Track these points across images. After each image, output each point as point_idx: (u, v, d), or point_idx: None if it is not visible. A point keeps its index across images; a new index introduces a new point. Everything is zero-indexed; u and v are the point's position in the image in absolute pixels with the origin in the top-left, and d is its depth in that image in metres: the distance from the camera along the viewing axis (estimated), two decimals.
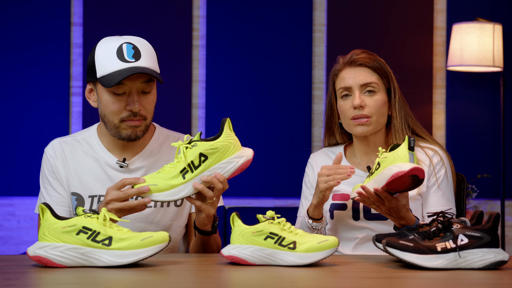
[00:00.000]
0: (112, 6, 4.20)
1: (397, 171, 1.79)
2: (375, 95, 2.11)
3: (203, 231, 1.97)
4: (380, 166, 1.88)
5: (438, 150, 2.16)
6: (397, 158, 1.84)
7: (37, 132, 4.14)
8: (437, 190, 2.12)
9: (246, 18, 4.26)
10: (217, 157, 1.84)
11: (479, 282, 1.54)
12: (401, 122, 2.14)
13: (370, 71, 2.12)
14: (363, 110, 2.09)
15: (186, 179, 1.82)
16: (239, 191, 4.22)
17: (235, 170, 1.86)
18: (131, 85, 1.98)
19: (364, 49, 2.18)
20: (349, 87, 2.11)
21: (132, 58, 1.96)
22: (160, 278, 1.56)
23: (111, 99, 1.99)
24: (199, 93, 4.26)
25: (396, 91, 2.15)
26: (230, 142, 1.84)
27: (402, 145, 1.86)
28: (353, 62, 2.13)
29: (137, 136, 2.02)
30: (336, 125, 2.21)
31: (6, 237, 4.18)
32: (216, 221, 1.97)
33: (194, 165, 1.82)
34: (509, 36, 4.27)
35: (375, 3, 4.31)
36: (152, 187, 1.81)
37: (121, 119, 2.00)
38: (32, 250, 1.63)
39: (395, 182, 1.81)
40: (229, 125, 1.86)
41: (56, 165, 2.10)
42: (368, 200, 1.91)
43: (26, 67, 4.15)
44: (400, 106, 2.15)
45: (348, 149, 2.23)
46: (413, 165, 1.80)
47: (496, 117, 4.29)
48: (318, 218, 2.05)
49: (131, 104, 1.98)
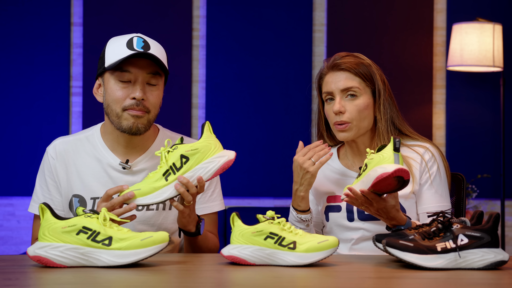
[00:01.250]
0: (112, 6, 4.20)
1: (381, 172, 1.79)
2: (356, 100, 2.10)
3: (187, 232, 1.98)
4: (367, 167, 1.87)
5: (429, 147, 2.15)
6: (382, 160, 1.83)
7: (37, 132, 4.14)
8: (430, 187, 2.11)
9: (246, 18, 4.26)
10: (198, 158, 1.84)
11: (479, 282, 1.54)
12: (386, 124, 2.12)
13: (351, 75, 2.11)
14: (342, 116, 2.10)
15: (168, 181, 1.83)
16: (239, 191, 4.22)
17: (217, 169, 1.85)
18: (137, 73, 1.99)
19: (349, 52, 2.17)
20: (331, 92, 2.12)
21: (141, 49, 1.98)
22: (160, 278, 1.56)
23: (116, 86, 1.99)
24: (199, 93, 4.26)
25: (382, 92, 2.12)
26: (210, 143, 1.85)
27: (388, 146, 1.85)
28: (335, 67, 2.12)
29: (138, 129, 2.01)
30: (323, 129, 2.22)
31: (6, 237, 4.18)
32: (199, 223, 1.97)
33: (176, 167, 1.83)
34: (509, 36, 4.27)
35: (375, 3, 4.31)
36: (136, 191, 1.82)
37: (123, 107, 1.99)
38: (32, 250, 1.63)
39: (380, 183, 1.80)
40: (209, 127, 1.87)
41: (56, 167, 2.10)
42: (356, 202, 1.90)
43: (26, 67, 4.15)
44: (385, 108, 2.13)
45: (341, 150, 2.24)
46: (397, 166, 1.79)
47: (496, 117, 4.29)
48: (306, 210, 2.06)
49: (135, 91, 1.98)
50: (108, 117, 2.04)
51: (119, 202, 1.83)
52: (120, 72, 1.99)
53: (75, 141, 2.13)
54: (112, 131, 2.07)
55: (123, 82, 1.99)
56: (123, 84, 1.99)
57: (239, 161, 4.16)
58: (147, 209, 2.05)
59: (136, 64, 1.98)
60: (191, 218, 1.94)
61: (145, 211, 2.05)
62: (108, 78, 2.01)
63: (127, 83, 1.99)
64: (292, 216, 2.09)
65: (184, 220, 1.94)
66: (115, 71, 1.99)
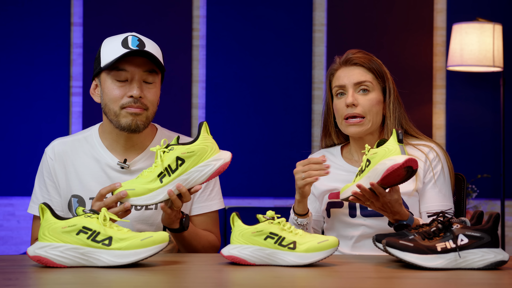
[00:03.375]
0: (112, 6, 4.20)
1: (391, 164, 1.79)
2: (369, 94, 2.12)
3: (172, 229, 1.98)
4: (370, 162, 1.87)
5: (434, 147, 2.15)
6: (388, 152, 1.83)
7: (37, 132, 4.14)
8: (433, 186, 2.12)
9: (246, 18, 4.26)
10: (194, 160, 1.83)
11: (479, 282, 1.54)
12: (394, 122, 2.14)
13: (365, 70, 2.13)
14: (355, 109, 2.10)
15: (163, 183, 1.82)
16: (239, 191, 4.22)
17: (212, 173, 1.84)
18: (134, 71, 1.99)
19: (361, 49, 2.19)
20: (343, 85, 2.12)
21: (136, 47, 1.99)
22: (160, 278, 1.56)
23: (113, 85, 2.00)
24: (199, 93, 4.26)
25: (392, 91, 2.15)
26: (207, 145, 1.83)
27: (391, 139, 1.85)
28: (348, 61, 2.14)
29: (137, 126, 2.01)
30: (332, 125, 2.22)
31: (6, 237, 4.18)
32: (183, 219, 1.97)
33: (171, 168, 1.82)
34: (509, 36, 4.27)
35: (375, 3, 4.31)
36: (130, 191, 1.81)
37: (121, 105, 2.00)
38: (32, 250, 1.63)
39: (390, 175, 1.81)
40: (206, 128, 1.85)
41: (55, 168, 2.10)
42: (363, 198, 1.90)
43: (26, 67, 4.15)
44: (394, 107, 2.14)
45: (345, 148, 2.24)
46: (406, 156, 1.80)
47: (496, 117, 4.29)
48: (303, 214, 2.06)
49: (132, 89, 1.99)
50: (107, 116, 2.04)
51: (113, 201, 1.82)
52: (116, 71, 1.99)
53: (73, 141, 2.13)
54: (111, 131, 2.07)
55: (119, 81, 2.00)
56: (120, 83, 2.00)
57: (239, 161, 4.16)
58: (145, 209, 2.05)
59: (132, 62, 1.99)
60: (176, 218, 1.94)
61: (143, 211, 2.05)
62: (105, 78, 2.02)
63: (124, 82, 2.00)
64: (290, 217, 2.10)
65: (169, 220, 1.94)
66: (112, 70, 2.00)
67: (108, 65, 1.98)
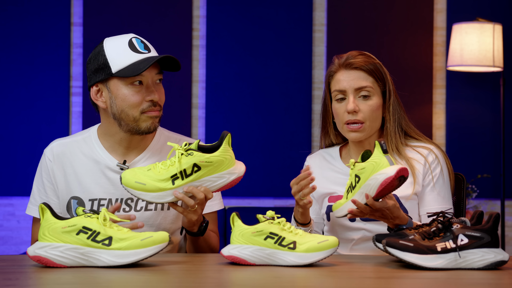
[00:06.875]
0: (112, 6, 4.20)
1: (384, 178, 1.78)
2: (370, 100, 2.10)
3: (190, 232, 1.98)
4: (360, 178, 1.85)
5: (433, 149, 2.14)
6: (376, 166, 1.81)
7: (37, 132, 4.14)
8: (432, 188, 2.11)
9: (246, 18, 4.26)
10: (210, 170, 1.84)
11: (479, 282, 1.54)
12: (394, 125, 2.12)
13: (365, 74, 2.10)
14: (357, 116, 2.09)
15: (175, 185, 1.83)
16: (239, 191, 4.22)
17: (224, 185, 1.87)
18: (149, 75, 1.99)
19: (361, 51, 2.16)
20: (343, 90, 2.10)
21: (144, 50, 1.99)
22: (160, 278, 1.56)
23: (130, 91, 1.99)
24: (199, 93, 4.26)
25: (391, 93, 2.13)
26: (226, 158, 1.84)
27: (376, 151, 1.82)
28: (349, 65, 2.11)
29: (155, 127, 2.02)
30: (330, 125, 2.21)
31: (6, 237, 4.18)
32: (203, 225, 1.97)
33: (186, 173, 1.82)
34: (509, 36, 4.27)
35: (375, 3, 4.31)
36: (140, 185, 1.82)
37: (141, 110, 1.99)
38: (32, 250, 1.63)
39: (385, 189, 1.80)
40: (228, 140, 1.85)
41: (53, 169, 2.09)
42: (360, 214, 1.87)
43: (26, 67, 4.15)
44: (394, 109, 2.13)
45: (343, 149, 2.23)
46: (397, 167, 1.78)
47: (496, 117, 4.29)
48: (304, 224, 2.04)
49: (152, 94, 1.99)
50: (120, 121, 2.01)
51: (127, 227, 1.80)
52: (132, 77, 1.98)
53: (72, 143, 2.12)
54: (115, 133, 2.06)
55: (135, 86, 1.99)
56: (137, 88, 1.99)
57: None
58: (145, 210, 2.05)
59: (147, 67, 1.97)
60: (197, 222, 1.94)
61: (143, 211, 2.05)
62: (117, 84, 1.99)
63: (139, 86, 1.99)
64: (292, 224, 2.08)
65: (191, 223, 1.94)
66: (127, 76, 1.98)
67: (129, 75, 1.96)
